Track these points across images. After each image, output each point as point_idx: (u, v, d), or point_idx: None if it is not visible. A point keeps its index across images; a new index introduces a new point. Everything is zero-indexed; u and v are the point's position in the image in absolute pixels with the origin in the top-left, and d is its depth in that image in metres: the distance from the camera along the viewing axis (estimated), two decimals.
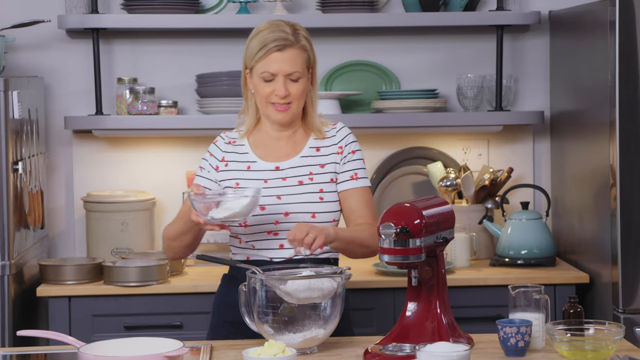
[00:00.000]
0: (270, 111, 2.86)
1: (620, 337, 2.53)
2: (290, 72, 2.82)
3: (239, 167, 2.91)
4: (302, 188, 2.87)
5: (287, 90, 2.82)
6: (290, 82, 2.83)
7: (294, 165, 2.90)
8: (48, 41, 4.15)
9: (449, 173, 4.07)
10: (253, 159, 2.91)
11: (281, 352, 2.40)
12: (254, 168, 2.90)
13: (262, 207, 2.83)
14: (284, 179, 2.88)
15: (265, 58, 2.81)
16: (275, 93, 2.82)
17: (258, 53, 2.82)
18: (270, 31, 2.83)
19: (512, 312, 2.66)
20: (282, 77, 2.82)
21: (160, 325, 3.66)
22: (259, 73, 2.83)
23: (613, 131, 3.49)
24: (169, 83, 4.18)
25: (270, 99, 2.84)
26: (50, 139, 4.17)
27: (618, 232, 3.49)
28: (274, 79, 2.82)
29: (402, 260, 2.57)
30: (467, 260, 3.91)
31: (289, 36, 2.82)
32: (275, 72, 2.81)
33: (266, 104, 2.85)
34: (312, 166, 2.90)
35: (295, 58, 2.82)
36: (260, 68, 2.82)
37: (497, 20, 4.07)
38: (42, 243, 4.01)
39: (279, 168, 2.89)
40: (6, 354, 2.77)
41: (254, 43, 2.84)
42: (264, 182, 2.86)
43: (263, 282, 2.56)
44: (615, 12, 3.44)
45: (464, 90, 4.14)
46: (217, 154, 2.94)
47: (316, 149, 2.93)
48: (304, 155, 2.91)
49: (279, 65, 2.81)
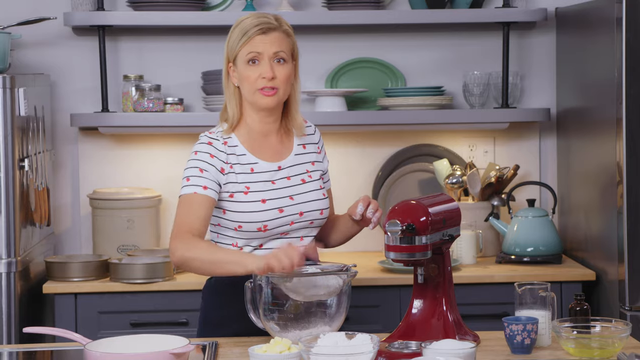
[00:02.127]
0: (257, 97, 2.79)
1: (627, 334, 2.52)
2: (275, 51, 2.78)
3: (243, 169, 2.81)
4: (307, 186, 2.86)
5: (274, 72, 2.77)
6: (276, 65, 2.79)
7: (292, 163, 2.87)
8: (54, 38, 4.15)
9: (455, 170, 4.06)
10: (253, 160, 2.84)
11: (287, 349, 2.40)
12: (257, 170, 2.83)
13: (280, 209, 2.79)
14: (289, 179, 2.85)
15: (248, 42, 2.78)
16: (262, 75, 2.76)
17: (242, 38, 2.78)
18: (252, 18, 2.81)
19: (519, 309, 2.66)
20: (267, 58, 2.77)
21: (166, 322, 3.67)
22: (244, 56, 2.78)
23: (620, 128, 3.49)
24: (174, 80, 4.18)
25: (257, 84, 2.78)
26: (56, 136, 4.17)
27: (624, 230, 3.48)
28: (260, 62, 2.77)
29: (408, 257, 2.57)
30: (473, 257, 3.90)
31: (271, 20, 2.80)
32: (261, 51, 2.76)
33: (253, 91, 2.79)
34: (306, 164, 2.90)
35: (279, 40, 2.79)
36: (245, 51, 2.78)
37: (504, 17, 4.06)
38: (48, 240, 4.02)
39: (280, 167, 2.85)
40: (12, 351, 2.78)
41: (235, 32, 2.81)
42: (271, 183, 2.82)
43: (269, 280, 2.56)
44: (622, 9, 3.43)
45: (470, 88, 4.13)
46: (220, 155, 2.81)
47: (303, 146, 2.92)
48: (297, 153, 2.90)
49: (263, 45, 2.77)
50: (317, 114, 3.99)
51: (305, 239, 2.84)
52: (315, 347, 2.31)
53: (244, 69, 2.79)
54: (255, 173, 2.82)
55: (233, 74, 2.84)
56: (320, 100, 4.05)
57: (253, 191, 2.79)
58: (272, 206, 2.79)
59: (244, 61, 2.79)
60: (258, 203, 2.78)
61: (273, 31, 2.79)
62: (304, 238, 2.84)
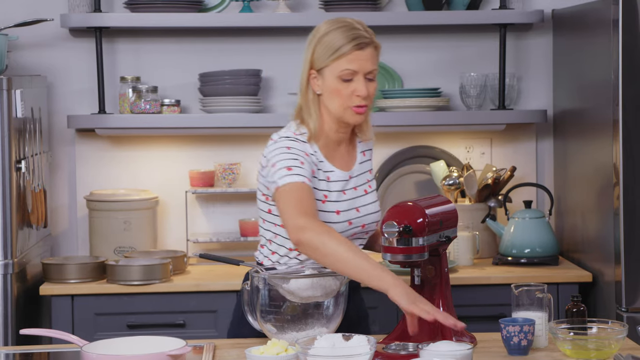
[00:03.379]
0: (348, 114, 2.70)
1: (623, 336, 2.53)
2: (370, 70, 2.69)
3: (322, 176, 2.74)
4: (368, 197, 2.82)
5: (367, 90, 2.69)
6: (367, 81, 2.69)
7: (358, 172, 2.82)
8: (51, 40, 4.15)
9: (452, 172, 4.07)
10: (330, 168, 2.75)
11: (284, 351, 2.40)
12: (332, 178, 2.75)
13: (349, 222, 2.74)
14: (355, 189, 2.79)
15: (344, 57, 2.65)
16: (357, 93, 2.66)
17: (340, 49, 2.65)
18: (347, 29, 2.68)
19: (515, 311, 2.66)
20: (362, 75, 2.67)
21: (163, 324, 3.66)
22: (338, 71, 2.66)
23: (616, 130, 3.49)
24: (171, 82, 4.18)
25: (351, 102, 2.68)
26: (53, 137, 4.17)
27: (621, 231, 3.49)
28: (353, 78, 2.68)
29: (404, 259, 2.57)
30: (470, 259, 3.91)
31: (365, 34, 2.69)
32: (357, 69, 2.66)
33: (345, 107, 2.69)
34: (366, 173, 2.85)
35: (373, 56, 2.70)
36: (340, 66, 2.66)
37: (500, 19, 4.06)
38: (45, 242, 4.02)
39: (350, 177, 2.79)
40: (9, 352, 2.77)
41: (330, 40, 2.67)
42: (342, 193, 2.76)
43: (266, 281, 2.56)
44: (619, 11, 3.43)
45: (467, 89, 4.13)
46: (312, 157, 2.71)
47: (363, 153, 2.87)
48: (361, 161, 2.85)
49: (360, 63, 2.66)
50: None
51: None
52: (312, 348, 2.31)
53: (334, 83, 2.68)
54: (331, 182, 2.76)
55: (315, 81, 2.72)
56: None
57: (330, 201, 2.74)
58: (344, 218, 2.75)
59: (336, 76, 2.68)
60: (333, 214, 2.73)
61: (367, 46, 2.68)
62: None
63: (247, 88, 4.06)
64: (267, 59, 4.20)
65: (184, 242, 4.11)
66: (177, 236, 4.17)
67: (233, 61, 4.17)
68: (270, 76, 4.20)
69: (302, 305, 2.55)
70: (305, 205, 2.58)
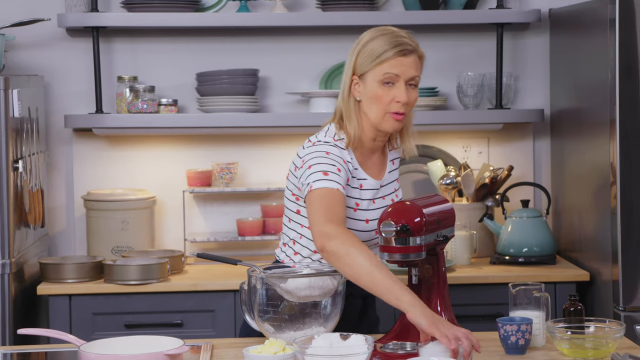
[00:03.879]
0: (386, 120, 2.69)
1: (621, 335, 2.53)
2: (412, 76, 2.68)
3: (356, 184, 2.74)
4: None
5: (408, 97, 2.68)
6: (408, 89, 2.69)
7: (386, 182, 2.82)
8: (48, 40, 4.15)
9: (449, 171, 4.07)
10: (363, 176, 2.75)
11: (281, 350, 2.40)
12: (365, 186, 2.76)
13: (376, 231, 2.70)
14: (384, 198, 2.80)
15: (390, 60, 2.66)
16: (397, 99, 2.66)
17: (383, 55, 2.66)
18: (392, 36, 2.69)
19: (513, 310, 2.66)
20: (403, 82, 2.67)
21: (160, 323, 3.66)
22: (379, 75, 2.67)
23: (613, 129, 3.49)
24: (169, 81, 4.18)
25: (390, 107, 2.67)
26: (50, 137, 4.17)
27: (618, 230, 3.49)
28: (395, 84, 2.67)
29: (402, 258, 2.57)
30: (467, 258, 3.91)
31: (410, 42, 2.70)
32: (399, 73, 2.66)
33: (383, 113, 2.68)
34: (394, 182, 2.85)
35: (416, 64, 2.70)
36: (382, 70, 2.66)
37: (497, 18, 4.07)
38: (43, 241, 4.02)
39: (381, 186, 2.80)
40: (7, 352, 2.77)
41: (374, 46, 2.68)
42: (372, 202, 2.77)
43: (263, 280, 2.56)
44: (616, 10, 3.44)
45: (464, 89, 4.14)
46: (349, 165, 2.71)
47: (392, 162, 2.87)
48: (390, 170, 2.85)
49: (402, 68, 2.67)
50: (311, 115, 3.99)
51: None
52: (310, 348, 2.31)
53: (376, 88, 2.68)
54: (364, 190, 2.76)
55: (356, 87, 2.72)
56: (314, 102, 4.05)
57: (361, 209, 2.74)
58: (372, 227, 2.75)
59: (378, 81, 2.68)
60: (362, 222, 2.74)
61: (412, 54, 2.69)
62: None
63: (245, 88, 4.06)
64: (264, 58, 4.20)
65: (181, 242, 4.11)
66: (175, 236, 4.17)
67: (230, 61, 4.16)
68: (267, 76, 4.20)
69: (299, 305, 2.55)
70: (335, 213, 2.57)
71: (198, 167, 4.15)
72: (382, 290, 2.46)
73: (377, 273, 2.46)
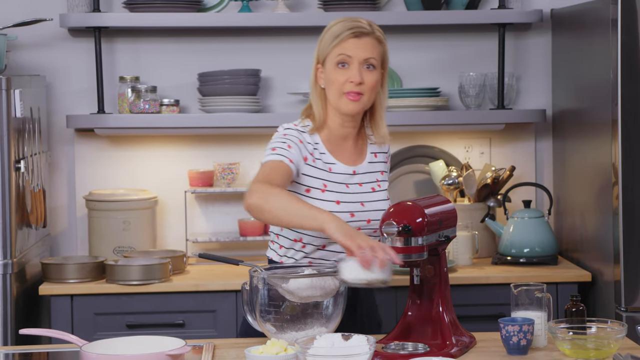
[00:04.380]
0: (342, 102, 2.77)
1: (623, 335, 2.53)
2: (366, 58, 2.76)
3: (323, 166, 2.82)
4: (376, 195, 2.85)
5: (362, 78, 2.76)
6: (365, 70, 2.77)
7: (365, 170, 2.87)
8: (50, 40, 4.15)
9: (451, 171, 4.07)
10: (331, 160, 2.83)
11: (283, 351, 2.40)
12: (334, 170, 2.83)
13: (352, 214, 2.79)
14: (361, 185, 2.85)
15: (340, 44, 2.76)
16: (350, 79, 2.75)
17: (334, 40, 2.76)
18: (347, 22, 2.80)
19: (515, 310, 2.66)
20: (357, 63, 2.76)
21: (162, 323, 3.67)
22: (334, 58, 2.77)
23: (615, 129, 3.49)
24: (170, 82, 4.18)
25: (345, 88, 2.76)
26: (52, 137, 4.17)
27: (620, 231, 3.49)
28: (349, 65, 2.76)
29: (404, 258, 2.57)
30: (469, 258, 3.91)
31: (364, 25, 2.79)
32: (351, 54, 2.75)
33: (339, 95, 2.77)
34: (376, 173, 2.89)
35: (371, 46, 2.78)
36: (335, 52, 2.77)
37: (499, 18, 4.07)
38: (45, 242, 4.02)
39: (355, 172, 2.85)
40: (8, 352, 2.77)
41: (328, 34, 2.80)
42: (345, 186, 2.82)
43: (265, 281, 2.56)
44: (618, 10, 3.43)
45: (466, 89, 4.13)
46: (307, 145, 2.81)
47: (375, 154, 2.91)
48: (370, 161, 2.89)
49: (354, 50, 2.75)
50: None
51: None
52: (311, 348, 2.31)
53: (332, 71, 2.78)
54: (333, 173, 2.82)
55: (320, 75, 2.83)
56: None
57: (330, 190, 2.80)
58: (345, 209, 2.78)
59: (334, 63, 2.78)
60: (333, 203, 2.78)
61: (366, 36, 2.78)
62: None
63: (246, 88, 4.06)
64: (266, 58, 4.20)
65: (183, 242, 4.11)
66: (177, 236, 4.17)
67: (232, 61, 4.16)
68: (269, 76, 4.20)
69: (301, 305, 2.55)
70: (270, 177, 2.68)
71: (200, 168, 4.15)
72: (300, 218, 2.57)
73: (291, 206, 2.58)
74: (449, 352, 2.54)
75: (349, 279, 2.48)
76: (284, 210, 2.59)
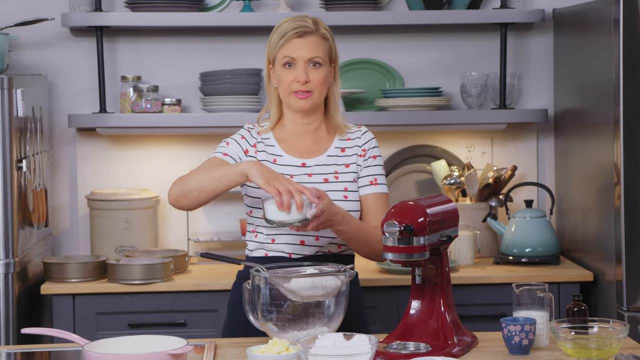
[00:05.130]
0: (292, 100, 2.85)
1: (625, 335, 2.53)
2: (310, 57, 2.83)
3: (267, 158, 2.89)
4: (327, 186, 2.86)
5: (308, 77, 2.82)
6: (311, 69, 2.83)
7: (320, 163, 2.89)
8: (52, 39, 4.15)
9: (453, 171, 4.07)
10: (279, 152, 2.90)
11: (285, 350, 2.40)
12: (280, 162, 2.89)
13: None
14: (310, 176, 2.87)
15: (285, 45, 2.83)
16: (297, 79, 2.82)
17: (280, 41, 2.84)
18: (291, 21, 2.86)
19: (516, 310, 2.66)
20: (302, 62, 2.83)
21: (164, 323, 3.67)
22: (280, 60, 2.84)
23: (617, 129, 3.49)
24: (172, 81, 4.18)
25: (292, 87, 2.84)
26: (54, 137, 4.17)
27: (622, 230, 3.49)
28: (295, 65, 2.83)
29: (406, 258, 2.57)
30: (471, 258, 3.91)
31: (309, 24, 2.85)
32: (295, 56, 2.82)
33: (289, 94, 2.85)
34: (337, 165, 2.90)
35: (315, 44, 2.84)
36: (281, 54, 2.84)
37: (501, 18, 4.07)
38: (46, 241, 4.02)
39: (305, 165, 2.89)
40: (10, 351, 2.78)
41: (275, 34, 2.87)
42: (290, 177, 2.85)
43: (267, 280, 2.56)
44: (620, 10, 3.43)
45: (467, 89, 4.13)
46: (250, 139, 2.92)
47: (341, 149, 2.92)
48: (330, 154, 2.91)
49: (298, 51, 2.82)
50: None
51: (321, 238, 2.83)
52: (313, 347, 2.31)
53: (280, 72, 2.86)
54: (277, 165, 2.88)
55: (272, 74, 2.90)
56: None
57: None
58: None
59: (281, 64, 2.85)
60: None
61: (309, 35, 2.84)
62: (319, 237, 2.83)
63: (248, 87, 4.07)
64: None
65: (185, 242, 4.11)
66: (178, 235, 4.17)
67: (234, 60, 4.17)
68: None
69: (303, 305, 2.55)
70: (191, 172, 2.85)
71: None
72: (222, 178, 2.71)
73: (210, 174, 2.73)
74: (450, 352, 2.54)
75: (270, 219, 2.64)
76: (205, 181, 2.74)
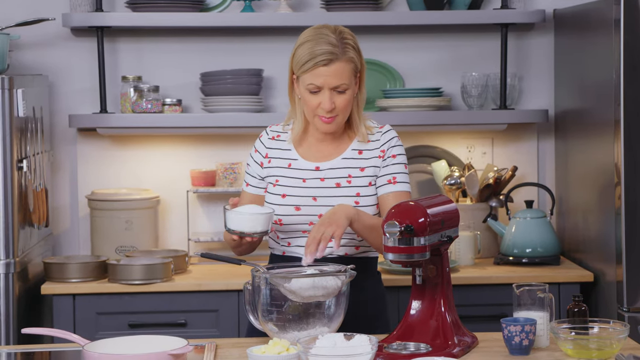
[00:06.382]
0: (316, 121, 2.83)
1: (625, 335, 2.53)
2: (336, 85, 2.78)
3: (281, 163, 2.90)
4: (339, 190, 2.86)
5: (333, 104, 2.78)
6: (336, 94, 2.79)
7: (334, 166, 2.88)
8: (53, 39, 4.15)
9: (453, 171, 4.07)
10: (294, 156, 2.89)
11: (285, 350, 2.40)
12: (294, 166, 2.88)
13: (297, 207, 2.83)
14: (322, 180, 2.86)
15: (311, 71, 2.77)
16: (322, 106, 2.78)
17: (305, 65, 2.78)
18: (316, 42, 2.78)
19: (517, 310, 2.66)
20: (328, 90, 2.78)
21: (164, 323, 3.67)
22: (305, 84, 2.79)
23: (618, 130, 3.49)
24: (173, 81, 4.18)
25: (317, 112, 2.80)
26: (54, 137, 4.17)
27: (622, 231, 3.49)
28: (320, 91, 2.78)
29: (406, 258, 2.57)
30: (471, 258, 3.91)
31: (335, 49, 2.77)
32: (321, 85, 2.77)
33: (313, 115, 2.82)
34: (351, 169, 2.88)
35: (341, 71, 2.78)
36: (307, 80, 2.78)
37: (502, 18, 4.07)
38: (47, 241, 4.02)
39: (318, 168, 2.87)
40: (11, 351, 2.78)
41: (300, 52, 2.80)
42: (302, 181, 2.86)
43: (267, 280, 2.56)
44: (620, 11, 3.43)
45: (468, 89, 4.13)
46: (261, 150, 2.93)
47: (358, 151, 2.90)
48: (346, 157, 2.89)
49: (324, 78, 2.77)
50: None
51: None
52: (313, 348, 2.31)
53: (304, 93, 2.82)
54: (292, 169, 2.88)
55: (296, 85, 2.86)
56: None
57: (280, 185, 2.87)
58: (289, 202, 2.83)
59: (305, 88, 2.80)
60: (279, 197, 2.85)
61: (336, 61, 2.77)
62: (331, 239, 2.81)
63: (249, 87, 4.07)
64: (268, 58, 4.20)
65: (185, 242, 4.11)
66: (179, 235, 4.17)
67: (234, 61, 4.17)
68: (271, 76, 4.21)
69: (303, 305, 2.55)
70: None
71: (202, 167, 4.15)
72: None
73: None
74: (451, 352, 2.54)
75: (231, 228, 2.71)
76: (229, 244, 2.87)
